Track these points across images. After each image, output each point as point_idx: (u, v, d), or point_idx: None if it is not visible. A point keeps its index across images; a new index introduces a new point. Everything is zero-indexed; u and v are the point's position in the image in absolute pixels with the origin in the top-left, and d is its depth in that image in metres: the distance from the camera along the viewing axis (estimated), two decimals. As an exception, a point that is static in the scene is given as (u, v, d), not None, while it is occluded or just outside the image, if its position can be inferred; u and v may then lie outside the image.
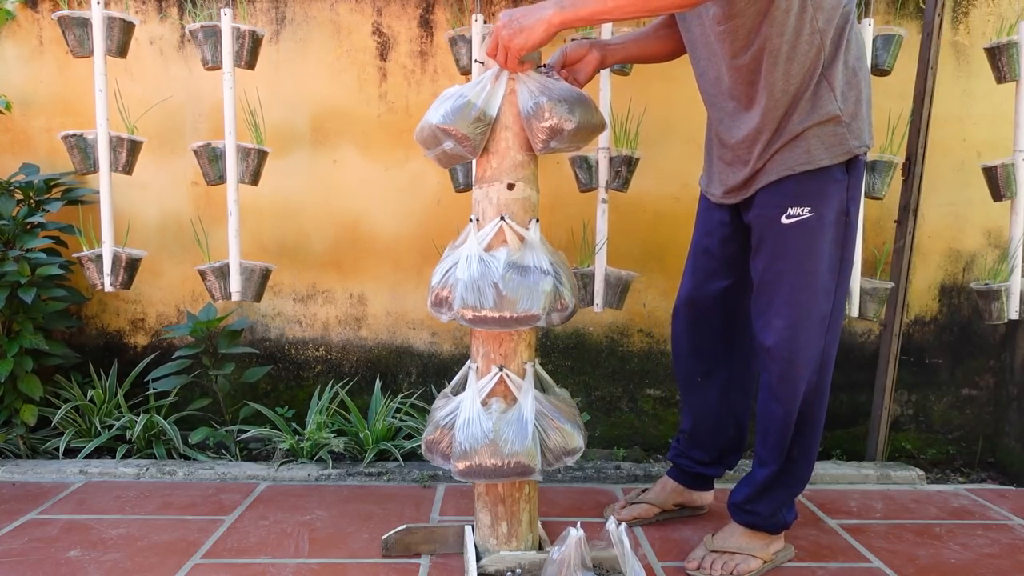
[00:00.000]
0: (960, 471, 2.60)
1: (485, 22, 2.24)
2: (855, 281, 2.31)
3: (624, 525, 1.49)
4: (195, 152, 2.30)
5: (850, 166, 1.64)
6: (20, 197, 2.48)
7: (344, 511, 2.07)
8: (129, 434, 2.42)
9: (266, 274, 2.37)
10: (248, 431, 2.46)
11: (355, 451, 2.40)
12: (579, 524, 1.51)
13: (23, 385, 2.38)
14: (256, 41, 2.27)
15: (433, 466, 2.04)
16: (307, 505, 2.11)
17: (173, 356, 2.53)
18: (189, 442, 2.45)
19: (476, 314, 1.57)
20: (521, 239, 1.62)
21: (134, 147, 2.30)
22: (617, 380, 2.68)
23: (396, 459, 2.35)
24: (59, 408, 2.45)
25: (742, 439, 2.00)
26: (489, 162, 1.65)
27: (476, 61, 2.20)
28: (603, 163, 2.30)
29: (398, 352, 2.69)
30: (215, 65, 2.27)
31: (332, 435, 2.37)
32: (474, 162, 1.83)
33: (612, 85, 2.29)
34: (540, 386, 1.70)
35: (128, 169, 2.30)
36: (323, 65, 2.59)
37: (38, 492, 2.18)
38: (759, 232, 1.69)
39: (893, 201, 2.48)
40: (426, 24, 2.58)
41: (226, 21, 2.21)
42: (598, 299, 2.33)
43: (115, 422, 2.45)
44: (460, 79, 2.45)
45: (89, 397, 2.51)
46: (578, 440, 1.66)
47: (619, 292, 2.34)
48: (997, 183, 2.31)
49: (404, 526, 1.83)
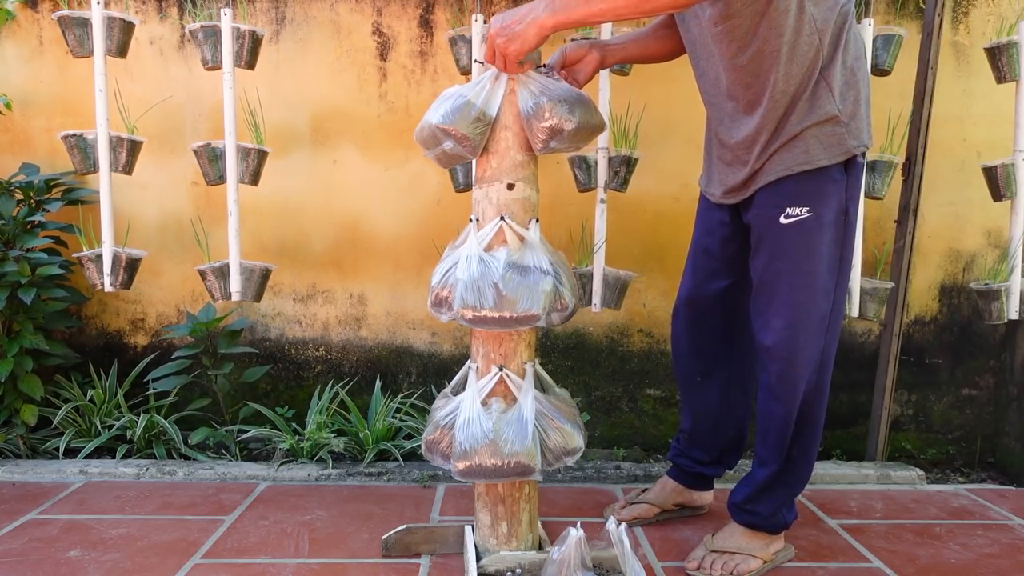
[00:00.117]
0: (960, 471, 2.60)
1: (485, 22, 2.24)
2: (855, 281, 2.31)
3: (624, 525, 1.49)
4: (195, 152, 2.30)
5: (849, 166, 1.63)
6: (20, 197, 2.48)
7: (344, 511, 2.07)
8: (129, 434, 2.42)
9: (266, 274, 2.37)
10: (248, 431, 2.46)
11: (355, 451, 2.40)
12: (579, 524, 1.51)
13: (23, 385, 2.38)
14: (256, 41, 2.27)
15: (433, 466, 2.05)
16: (307, 505, 2.11)
17: (173, 356, 2.53)
18: (189, 442, 2.45)
19: (476, 314, 1.57)
20: (521, 239, 1.62)
21: (134, 147, 2.30)
22: (617, 380, 2.68)
23: (396, 459, 2.35)
24: (59, 408, 2.46)
25: (742, 439, 2.00)
26: (489, 162, 1.65)
27: (476, 61, 2.20)
28: (602, 163, 2.30)
29: (398, 352, 2.69)
30: (215, 65, 2.27)
31: (332, 435, 2.37)
32: (474, 162, 1.83)
33: (611, 85, 2.29)
34: (540, 386, 1.70)
35: (128, 169, 2.31)
36: (323, 65, 2.59)
37: (38, 492, 2.18)
38: (758, 232, 1.69)
39: (893, 201, 2.48)
40: (426, 24, 2.58)
41: (226, 21, 2.21)
42: (596, 299, 2.33)
43: (115, 422, 2.45)
44: (460, 79, 2.45)
45: (89, 397, 2.51)
46: (578, 440, 1.66)
47: (617, 292, 2.34)
48: (997, 183, 2.32)
49: (404, 526, 1.83)
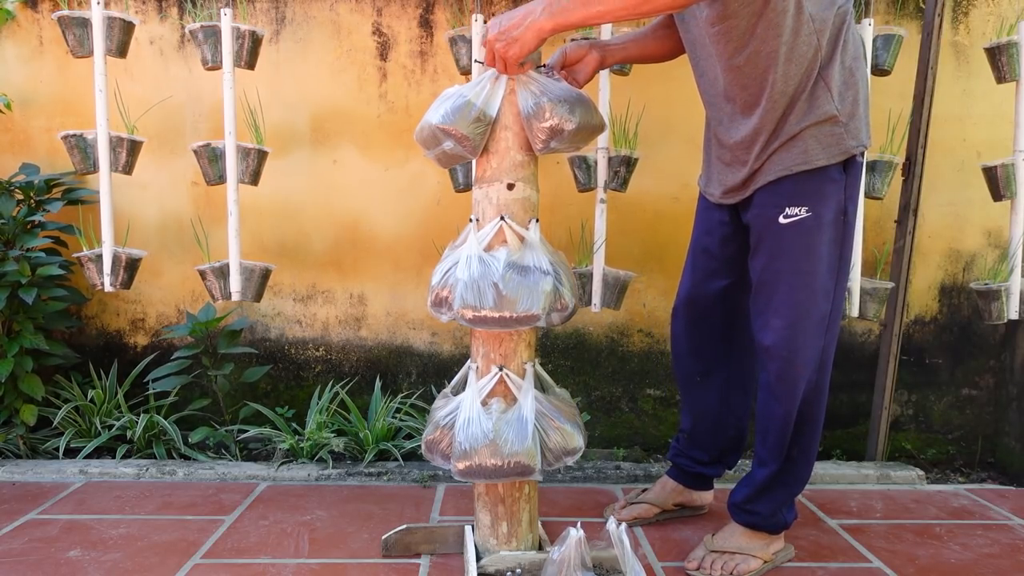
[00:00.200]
0: (960, 471, 2.60)
1: (485, 22, 2.24)
2: (855, 281, 2.31)
3: (624, 525, 1.49)
4: (195, 152, 2.30)
5: (847, 166, 1.64)
6: (20, 197, 2.48)
7: (344, 511, 2.07)
8: (129, 434, 2.42)
9: (266, 274, 2.37)
10: (248, 431, 2.46)
11: (355, 451, 2.40)
12: (579, 524, 1.51)
13: (23, 385, 2.38)
14: (256, 41, 2.27)
15: (433, 466, 2.04)
16: (307, 505, 2.11)
17: (173, 356, 2.53)
18: (189, 442, 2.45)
19: (476, 314, 1.57)
20: (521, 239, 1.62)
21: (134, 147, 2.30)
22: (617, 380, 2.68)
23: (396, 459, 2.35)
24: (59, 408, 2.45)
25: (742, 439, 2.00)
26: (489, 162, 1.65)
27: (476, 61, 2.20)
28: (602, 163, 2.30)
29: (398, 352, 2.69)
30: (215, 65, 2.27)
31: (332, 435, 2.37)
32: (474, 162, 1.83)
33: (611, 85, 2.29)
34: (540, 386, 1.70)
35: (128, 169, 2.31)
36: (323, 65, 2.59)
37: (38, 492, 2.18)
38: (757, 232, 1.69)
39: (893, 201, 2.48)
40: (426, 24, 2.58)
41: (226, 21, 2.21)
42: (596, 299, 2.33)
43: (115, 422, 2.45)
44: (460, 79, 2.45)
45: (89, 397, 2.51)
46: (578, 440, 1.66)
47: (617, 292, 2.34)
48: (997, 183, 2.32)
49: (404, 526, 1.83)
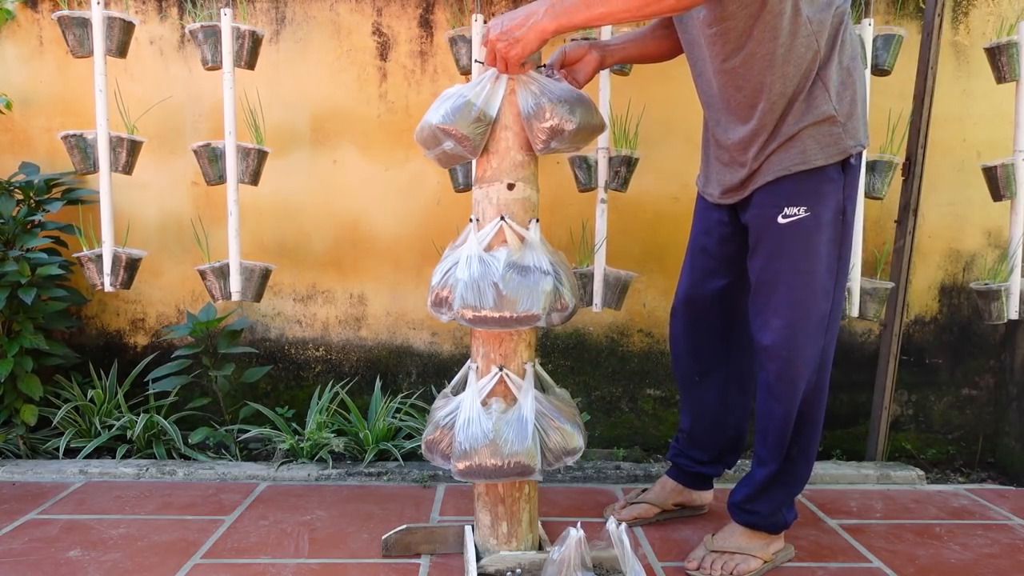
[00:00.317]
0: (960, 471, 2.60)
1: (485, 22, 2.24)
2: (855, 281, 2.31)
3: (624, 525, 1.49)
4: (195, 152, 2.30)
5: (845, 166, 1.64)
6: (20, 197, 2.48)
7: (344, 511, 2.07)
8: (129, 434, 2.42)
9: (266, 274, 2.37)
10: (248, 431, 2.46)
11: (355, 451, 2.40)
12: (579, 524, 1.51)
13: (23, 385, 2.38)
14: (256, 41, 2.27)
15: (433, 466, 2.04)
16: (307, 505, 2.11)
17: (173, 356, 2.53)
18: (189, 442, 2.45)
19: (476, 314, 1.57)
20: (521, 239, 1.62)
21: (134, 147, 2.30)
22: (617, 380, 2.68)
23: (396, 459, 2.35)
24: (59, 408, 2.45)
25: (741, 438, 2.00)
26: (489, 162, 1.65)
27: (476, 61, 2.20)
28: (602, 163, 2.30)
29: (398, 352, 2.69)
30: (215, 65, 2.27)
31: (332, 435, 2.37)
32: (474, 162, 1.83)
33: (611, 85, 2.29)
34: (540, 386, 1.70)
35: (128, 169, 2.31)
36: (323, 65, 2.59)
37: (38, 492, 2.18)
38: (756, 232, 1.69)
39: (893, 201, 2.48)
40: (426, 24, 2.58)
41: (226, 21, 2.21)
42: (597, 299, 2.33)
43: (115, 422, 2.45)
44: (460, 79, 2.45)
45: (89, 397, 2.51)
46: (578, 440, 1.66)
47: (618, 292, 2.34)
48: (997, 183, 2.32)
49: (404, 526, 1.83)
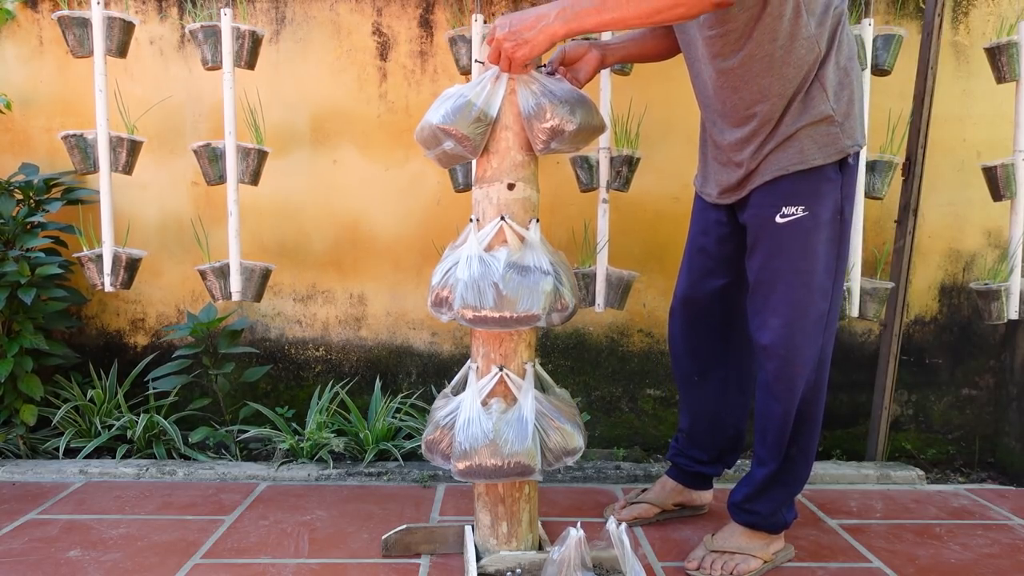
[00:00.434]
0: (960, 471, 2.60)
1: (485, 22, 2.24)
2: (855, 281, 2.31)
3: (624, 525, 1.49)
4: (195, 152, 2.30)
5: (843, 165, 1.64)
6: (20, 197, 2.48)
7: (344, 511, 2.07)
8: (129, 434, 2.42)
9: (266, 274, 2.37)
10: (248, 431, 2.46)
11: (355, 451, 2.40)
12: (579, 524, 1.51)
13: (23, 385, 2.38)
14: (256, 41, 2.27)
15: (433, 466, 2.04)
16: (307, 505, 2.11)
17: (173, 356, 2.53)
18: (189, 442, 2.45)
19: (476, 314, 1.57)
20: (521, 239, 1.62)
21: (134, 147, 2.30)
22: (617, 380, 2.68)
23: (396, 459, 2.35)
24: (59, 408, 2.45)
25: (740, 438, 2.00)
26: (489, 162, 1.65)
27: (476, 61, 2.20)
28: (604, 163, 2.30)
29: (398, 352, 2.69)
30: (215, 65, 2.27)
31: (332, 435, 2.37)
32: (474, 162, 1.83)
33: (612, 85, 2.29)
34: (540, 386, 1.70)
35: (128, 169, 2.31)
36: (323, 65, 2.59)
37: (38, 492, 2.18)
38: (754, 232, 1.69)
39: (893, 201, 2.48)
40: (426, 24, 2.58)
41: (226, 21, 2.21)
42: (599, 299, 2.33)
43: (115, 422, 2.45)
44: (460, 79, 2.45)
45: (89, 397, 2.51)
46: (578, 440, 1.66)
47: (620, 292, 2.34)
48: (997, 183, 2.32)
49: (404, 526, 1.83)
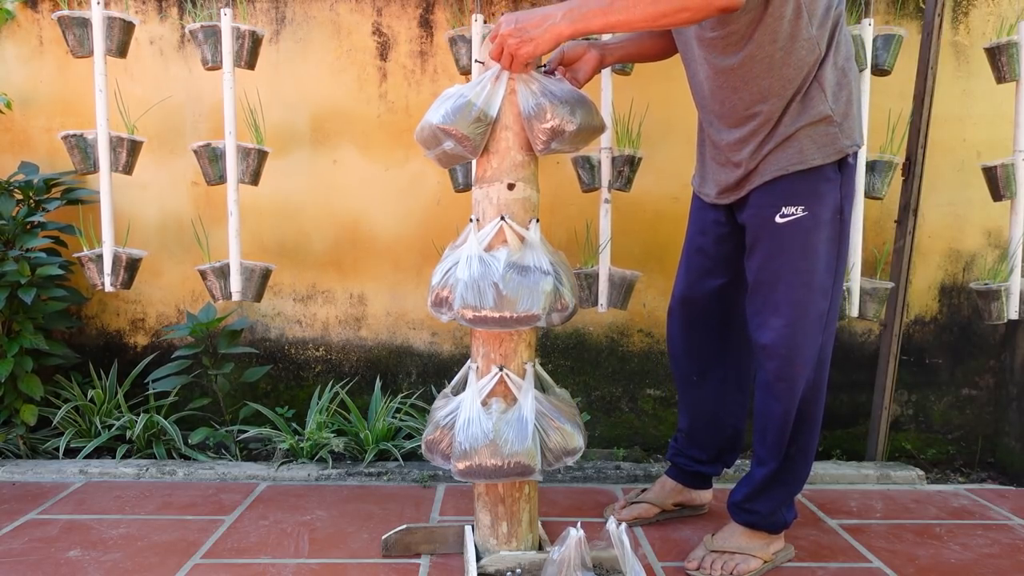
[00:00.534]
0: (960, 471, 2.60)
1: (485, 22, 2.24)
2: (855, 281, 2.31)
3: (624, 525, 1.49)
4: (195, 152, 2.30)
5: (842, 165, 1.64)
6: (20, 197, 2.48)
7: (344, 511, 2.07)
8: (129, 434, 2.42)
9: (266, 274, 2.37)
10: (248, 431, 2.46)
11: (355, 451, 2.40)
12: (579, 524, 1.51)
13: (23, 385, 2.38)
14: (256, 41, 2.27)
15: (433, 466, 2.04)
16: (307, 505, 2.11)
17: (173, 356, 2.53)
18: (189, 442, 2.45)
19: (476, 314, 1.57)
20: (521, 239, 1.62)
21: (134, 147, 2.30)
22: (617, 380, 2.68)
23: (396, 459, 2.35)
24: (59, 408, 2.45)
25: (739, 437, 2.00)
26: (489, 162, 1.65)
27: (476, 61, 2.20)
28: (605, 163, 2.30)
29: (398, 352, 2.69)
30: (215, 65, 2.27)
31: (332, 435, 2.37)
32: (474, 162, 1.83)
33: (613, 85, 2.29)
34: (540, 386, 1.70)
35: (128, 169, 2.31)
36: (323, 65, 2.59)
37: (38, 492, 2.18)
38: (754, 231, 1.69)
39: (893, 201, 2.48)
40: (426, 24, 2.58)
41: (226, 21, 2.21)
42: (602, 299, 2.33)
43: (115, 422, 2.45)
44: (460, 79, 2.45)
45: (89, 397, 2.51)
46: (578, 440, 1.66)
47: (623, 292, 2.34)
48: (997, 183, 2.32)
49: (404, 526, 1.83)
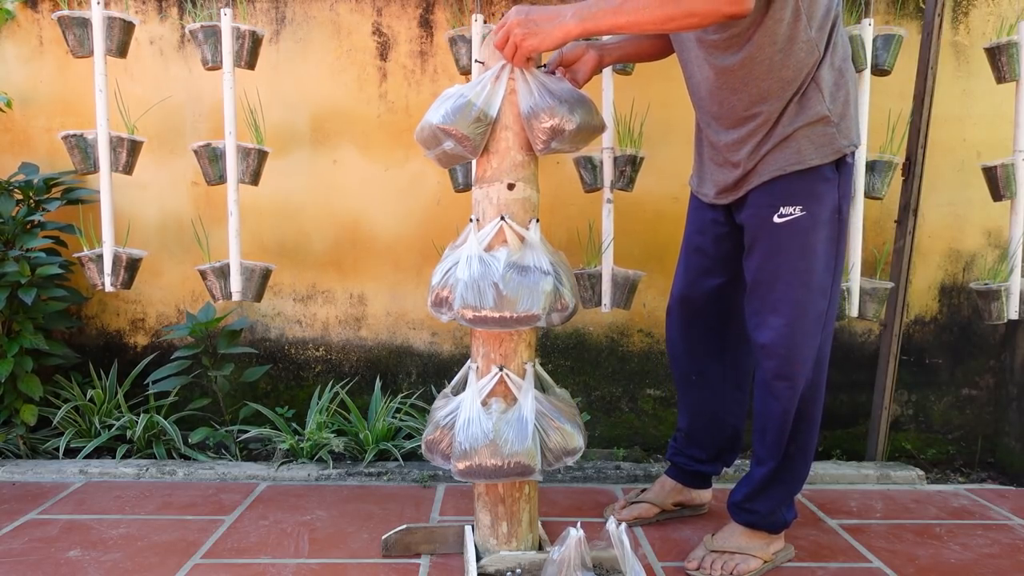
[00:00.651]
0: (960, 471, 2.60)
1: (485, 22, 2.24)
2: (855, 281, 2.31)
3: (624, 525, 1.49)
4: (195, 152, 2.30)
5: (840, 165, 1.64)
6: (20, 197, 2.48)
7: (344, 511, 2.07)
8: (129, 434, 2.42)
9: (266, 274, 2.37)
10: (248, 431, 2.46)
11: (355, 451, 2.40)
12: (579, 524, 1.51)
13: (23, 385, 2.37)
14: (256, 41, 2.27)
15: (433, 466, 2.04)
16: (307, 505, 2.11)
17: (173, 356, 2.53)
18: (189, 442, 2.45)
19: (476, 314, 1.57)
20: (521, 239, 1.62)
21: (134, 147, 2.30)
22: (617, 380, 2.68)
23: (396, 459, 2.35)
24: (59, 408, 2.45)
25: (739, 437, 2.01)
26: (489, 162, 1.65)
27: (476, 61, 2.20)
28: (607, 163, 2.30)
29: (398, 352, 2.69)
30: (215, 65, 2.27)
31: (332, 435, 2.37)
32: (474, 162, 1.83)
33: (614, 85, 2.29)
34: (540, 386, 1.70)
35: (128, 169, 2.31)
36: (323, 65, 2.59)
37: (38, 492, 2.18)
38: (752, 231, 1.70)
39: (893, 201, 2.48)
40: (426, 24, 2.58)
41: (226, 21, 2.21)
42: (606, 299, 2.32)
43: (115, 422, 2.45)
44: (460, 79, 2.45)
45: (89, 397, 2.51)
46: (578, 440, 1.66)
47: (627, 292, 2.34)
48: (997, 183, 2.32)
49: (404, 526, 1.83)
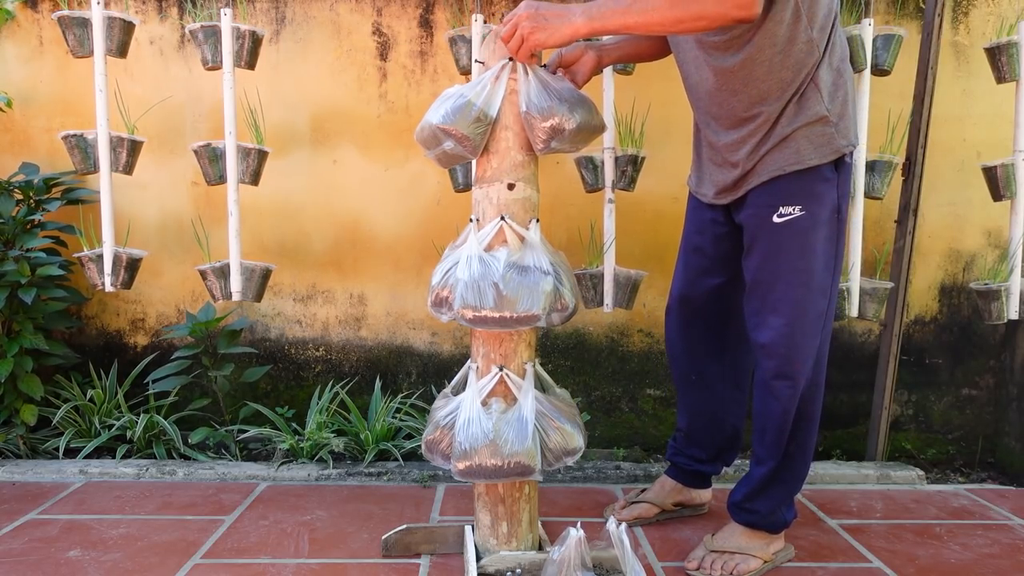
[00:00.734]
0: (960, 471, 2.60)
1: (485, 22, 2.24)
2: (855, 281, 2.31)
3: (624, 525, 1.49)
4: (195, 152, 2.30)
5: (839, 164, 1.65)
6: (20, 197, 2.48)
7: (344, 511, 2.07)
8: (129, 434, 2.42)
9: (266, 274, 2.37)
10: (248, 431, 2.46)
11: (355, 451, 2.40)
12: (579, 524, 1.51)
13: (23, 385, 2.38)
14: (256, 41, 2.27)
15: (433, 466, 2.04)
16: (307, 505, 2.11)
17: (173, 356, 2.53)
18: (189, 442, 2.45)
19: (476, 314, 1.57)
20: (521, 239, 1.62)
21: (134, 147, 2.30)
22: (617, 380, 2.68)
23: (396, 459, 2.35)
24: (59, 408, 2.45)
25: (738, 436, 2.01)
26: (489, 162, 1.65)
27: (476, 61, 2.20)
28: (608, 163, 2.30)
29: (398, 352, 2.69)
30: (215, 65, 2.27)
31: (332, 435, 2.37)
32: (474, 162, 1.83)
33: (615, 85, 2.29)
34: (540, 386, 1.70)
35: (128, 169, 2.31)
36: (323, 65, 2.59)
37: (38, 492, 2.18)
38: (752, 231, 1.70)
39: (893, 201, 2.48)
40: (426, 24, 2.58)
41: (226, 21, 2.21)
42: (608, 299, 2.32)
43: (115, 422, 2.45)
44: (460, 79, 2.45)
45: (89, 397, 2.51)
46: (578, 440, 1.66)
47: (628, 292, 2.34)
48: (997, 183, 2.32)
49: (404, 526, 1.83)
